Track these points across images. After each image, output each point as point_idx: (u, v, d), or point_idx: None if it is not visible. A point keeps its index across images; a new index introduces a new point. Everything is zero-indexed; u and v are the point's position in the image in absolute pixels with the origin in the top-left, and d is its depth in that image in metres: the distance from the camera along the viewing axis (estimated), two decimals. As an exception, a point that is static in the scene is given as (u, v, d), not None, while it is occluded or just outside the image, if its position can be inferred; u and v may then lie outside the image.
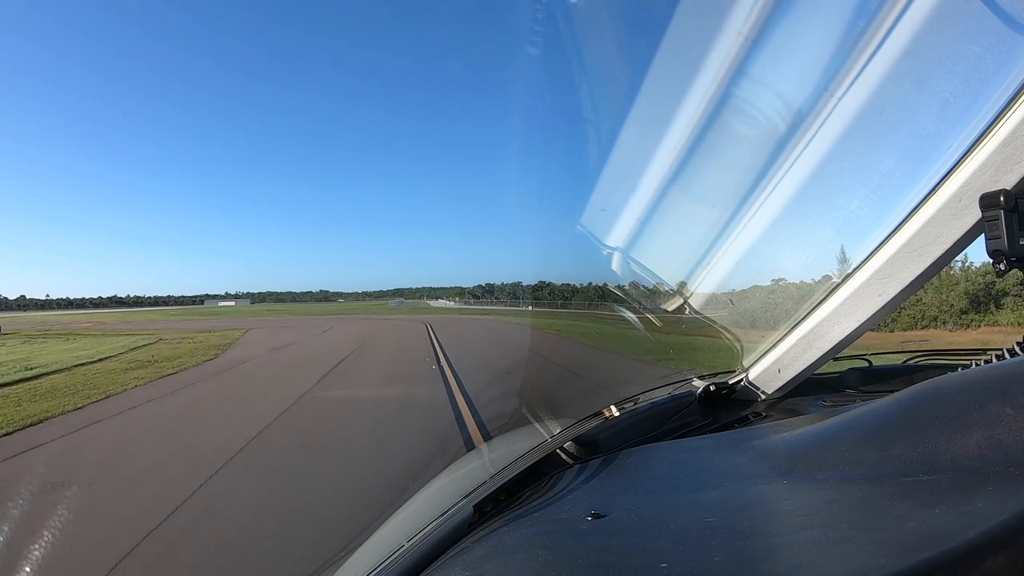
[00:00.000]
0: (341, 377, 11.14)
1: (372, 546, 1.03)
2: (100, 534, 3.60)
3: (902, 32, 1.08)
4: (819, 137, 1.22)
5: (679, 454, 1.00)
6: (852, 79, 1.15)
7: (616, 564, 0.59)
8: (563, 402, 1.47)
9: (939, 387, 0.68)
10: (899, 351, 1.84)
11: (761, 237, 1.37)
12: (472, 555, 0.73)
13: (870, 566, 0.45)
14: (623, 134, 1.40)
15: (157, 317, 58.34)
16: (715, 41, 1.19)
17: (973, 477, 0.53)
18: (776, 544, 0.58)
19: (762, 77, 1.22)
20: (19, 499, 4.09)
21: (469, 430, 5.84)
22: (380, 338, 22.04)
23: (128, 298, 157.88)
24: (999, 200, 0.97)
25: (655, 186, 1.37)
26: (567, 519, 0.80)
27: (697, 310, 1.53)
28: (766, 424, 1.23)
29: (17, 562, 2.79)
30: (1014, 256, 0.97)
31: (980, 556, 0.39)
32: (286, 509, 3.97)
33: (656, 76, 1.29)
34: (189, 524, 3.71)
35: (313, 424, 6.86)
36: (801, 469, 0.75)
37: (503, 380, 8.21)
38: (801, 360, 1.40)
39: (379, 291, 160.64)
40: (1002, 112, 1.01)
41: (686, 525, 0.66)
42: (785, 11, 1.16)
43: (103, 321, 48.56)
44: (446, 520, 0.86)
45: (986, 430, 0.57)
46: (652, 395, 1.45)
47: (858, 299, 1.25)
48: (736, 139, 1.31)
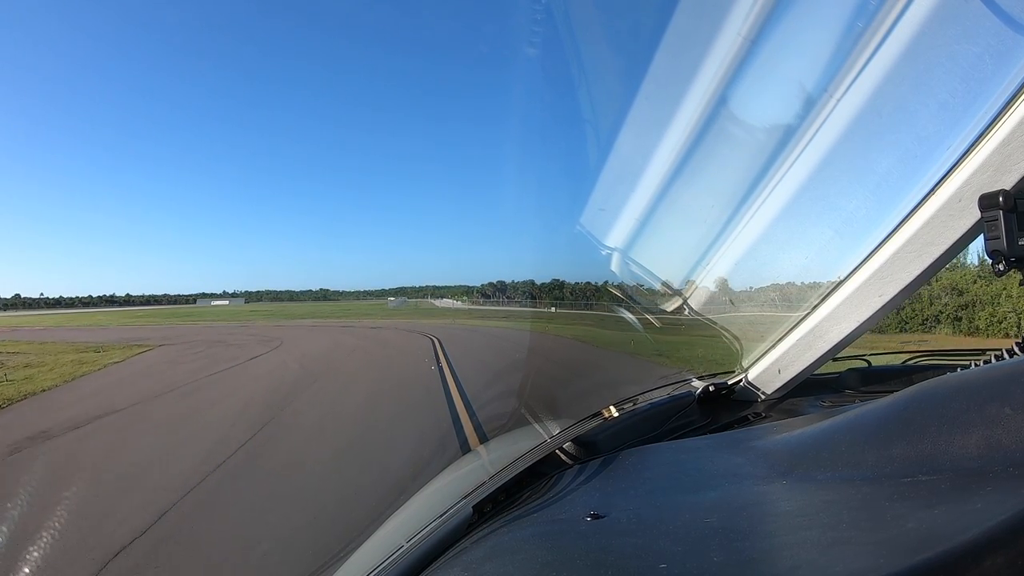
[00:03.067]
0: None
1: (371, 546, 1.02)
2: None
3: (901, 33, 1.08)
4: (818, 138, 1.22)
5: (678, 455, 1.00)
6: (851, 80, 1.15)
7: (615, 564, 0.59)
8: (563, 402, 1.47)
9: (938, 387, 0.68)
10: (898, 351, 1.84)
11: (760, 237, 1.37)
12: (471, 556, 0.73)
13: (869, 566, 0.45)
14: (621, 135, 1.40)
15: (113, 320, 50.80)
16: (714, 41, 1.19)
17: (972, 477, 0.53)
18: (775, 544, 0.58)
19: (761, 78, 1.23)
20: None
21: None
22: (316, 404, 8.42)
23: (120, 297, 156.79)
24: (998, 200, 0.97)
25: (655, 185, 1.37)
26: (566, 520, 0.80)
27: (697, 311, 1.53)
28: (765, 424, 1.23)
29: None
30: (1013, 256, 0.97)
31: (979, 556, 0.39)
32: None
33: (655, 76, 1.29)
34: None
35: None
36: (800, 469, 0.75)
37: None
38: (800, 360, 1.40)
39: (380, 290, 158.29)
40: (1001, 112, 1.01)
41: (685, 525, 0.66)
42: (784, 12, 1.16)
43: (34, 326, 41.47)
44: (445, 521, 0.86)
45: (985, 430, 0.57)
46: (651, 396, 1.45)
47: (857, 299, 1.25)
48: (735, 139, 1.31)
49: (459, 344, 16.78)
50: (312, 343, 20.53)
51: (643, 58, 1.28)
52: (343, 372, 11.80)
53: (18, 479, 5.18)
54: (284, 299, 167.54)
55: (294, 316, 51.71)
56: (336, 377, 10.98)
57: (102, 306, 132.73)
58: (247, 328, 32.56)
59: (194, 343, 21.62)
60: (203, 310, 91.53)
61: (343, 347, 18.18)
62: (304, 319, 43.85)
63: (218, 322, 43.66)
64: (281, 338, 22.44)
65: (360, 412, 7.29)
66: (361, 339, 21.21)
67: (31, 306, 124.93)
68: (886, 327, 14.94)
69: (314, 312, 62.44)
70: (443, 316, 40.96)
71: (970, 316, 15.27)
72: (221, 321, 45.51)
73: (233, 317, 54.20)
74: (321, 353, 16.22)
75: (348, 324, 33.31)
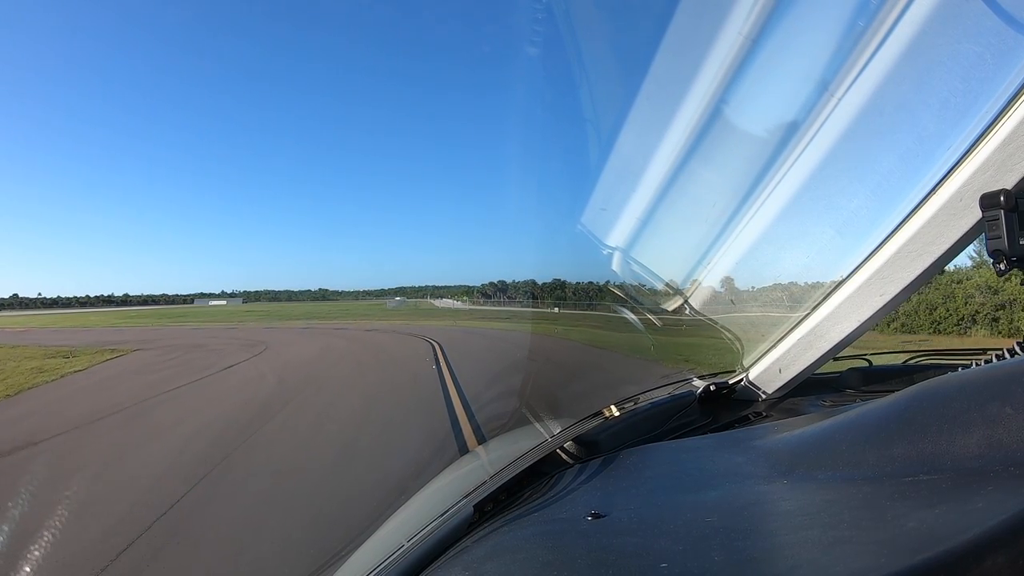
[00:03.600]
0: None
1: (372, 546, 1.03)
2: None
3: (902, 32, 1.08)
4: (819, 137, 1.22)
5: (679, 454, 1.00)
6: (852, 79, 1.15)
7: (616, 564, 0.59)
8: (563, 402, 1.47)
9: (939, 387, 0.68)
10: (899, 351, 1.84)
11: (761, 237, 1.37)
12: (472, 555, 0.73)
13: (870, 566, 0.45)
14: (622, 134, 1.40)
15: (104, 321, 46.84)
16: (715, 41, 1.19)
17: (973, 477, 0.53)
18: (776, 544, 0.58)
19: (762, 77, 1.22)
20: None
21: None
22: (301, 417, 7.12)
23: (118, 297, 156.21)
24: (999, 200, 0.97)
25: (656, 184, 1.37)
26: (567, 519, 0.80)
27: (698, 310, 1.53)
28: (766, 424, 1.23)
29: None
30: (1014, 256, 0.97)
31: (980, 556, 0.39)
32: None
33: (656, 75, 1.29)
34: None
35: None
36: (801, 469, 0.75)
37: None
38: (801, 360, 1.40)
39: (380, 289, 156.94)
40: (1002, 112, 1.01)
41: (686, 525, 0.66)
42: (785, 11, 1.16)
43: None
44: (446, 520, 0.86)
45: (986, 430, 0.57)
46: (652, 395, 1.45)
47: (858, 299, 1.25)
48: (736, 139, 1.31)
49: (464, 353, 14.25)
50: (299, 349, 18.25)
51: (644, 57, 1.28)
52: (327, 388, 9.77)
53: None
54: (283, 299, 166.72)
55: (289, 317, 48.09)
56: (317, 395, 9.02)
57: (99, 306, 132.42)
58: (235, 330, 29.47)
59: (172, 347, 19.44)
60: (197, 310, 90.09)
61: (332, 353, 16.05)
62: (298, 320, 39.92)
63: (208, 323, 40.03)
64: (266, 342, 19.94)
65: (341, 445, 5.53)
66: (353, 343, 19.26)
67: (27, 306, 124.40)
68: (917, 327, 14.57)
69: (310, 313, 57.78)
70: (443, 317, 37.79)
71: (1009, 316, 14.73)
72: (212, 322, 41.67)
73: (227, 318, 51.03)
74: (305, 361, 14.28)
75: (342, 326, 29.85)
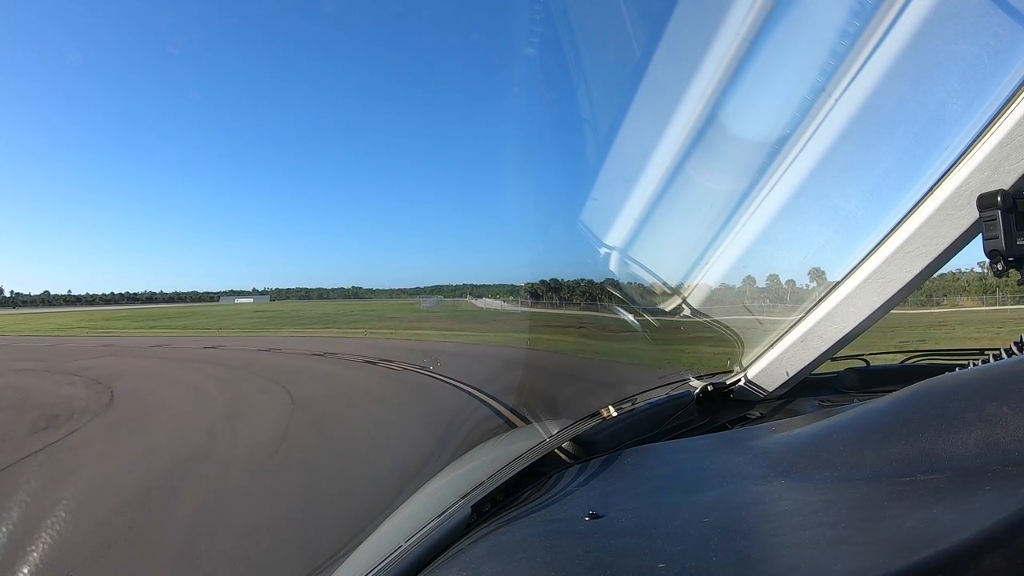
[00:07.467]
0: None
1: (370, 546, 1.02)
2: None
3: (899, 33, 1.08)
4: (817, 137, 1.22)
5: (677, 454, 1.00)
6: (849, 79, 1.15)
7: (614, 564, 0.59)
8: (561, 402, 1.46)
9: (936, 387, 0.68)
10: (896, 351, 1.84)
11: (759, 237, 1.37)
12: (470, 555, 0.73)
13: (868, 566, 0.45)
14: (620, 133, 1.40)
15: (71, 321, 38.87)
16: (713, 42, 1.19)
17: (971, 477, 0.53)
18: (774, 544, 0.58)
19: (759, 78, 1.23)
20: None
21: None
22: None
23: (142, 295, 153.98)
24: (996, 200, 0.97)
25: (653, 185, 1.37)
26: (565, 519, 0.80)
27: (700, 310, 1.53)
28: (764, 424, 1.23)
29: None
30: (1011, 256, 0.97)
31: (978, 556, 0.39)
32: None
33: (654, 76, 1.29)
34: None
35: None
36: (799, 469, 0.75)
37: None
38: (799, 360, 1.40)
39: (416, 288, 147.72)
40: (999, 112, 1.01)
41: (684, 525, 0.65)
42: (782, 13, 1.16)
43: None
44: (444, 520, 0.86)
45: (984, 430, 0.57)
46: (650, 395, 1.45)
47: (856, 299, 1.26)
48: (734, 139, 1.32)
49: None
50: (176, 416, 6.78)
51: (642, 58, 1.28)
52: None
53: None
54: (313, 296, 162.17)
55: (304, 318, 37.32)
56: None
57: (123, 303, 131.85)
58: (220, 346, 16.13)
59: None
60: (209, 309, 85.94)
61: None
62: (307, 327, 28.07)
63: (188, 333, 25.82)
64: (135, 389, 8.68)
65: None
66: (324, 392, 8.18)
67: (51, 303, 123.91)
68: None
69: (331, 313, 45.15)
70: (494, 322, 26.50)
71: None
72: (198, 329, 28.26)
73: (231, 318, 42.56)
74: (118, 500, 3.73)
75: (349, 339, 19.25)
